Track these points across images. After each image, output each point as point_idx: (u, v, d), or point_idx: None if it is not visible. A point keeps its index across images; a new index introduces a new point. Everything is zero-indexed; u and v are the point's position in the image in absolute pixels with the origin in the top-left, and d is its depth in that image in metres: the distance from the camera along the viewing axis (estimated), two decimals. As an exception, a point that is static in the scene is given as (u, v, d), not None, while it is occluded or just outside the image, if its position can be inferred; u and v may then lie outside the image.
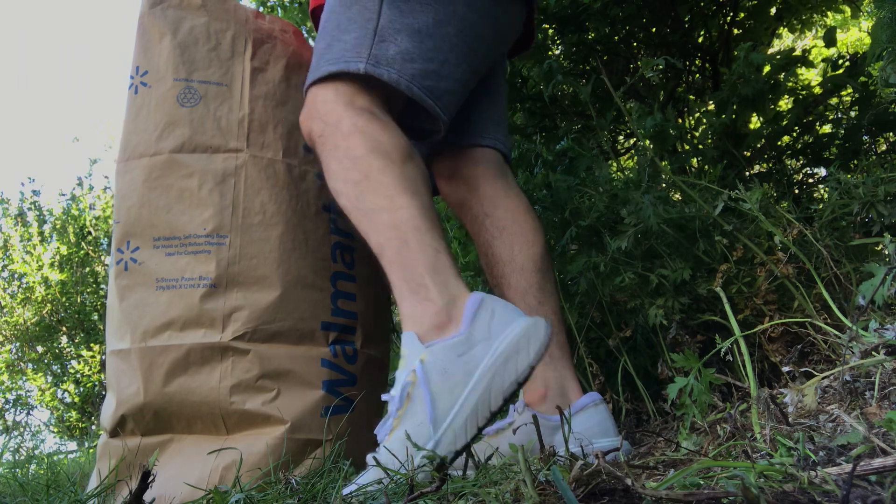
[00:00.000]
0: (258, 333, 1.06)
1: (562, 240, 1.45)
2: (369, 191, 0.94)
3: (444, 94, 1.05)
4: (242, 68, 1.17)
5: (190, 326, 1.05)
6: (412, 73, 1.01)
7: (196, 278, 1.07)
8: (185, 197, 1.09)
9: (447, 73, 1.05)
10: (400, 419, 0.82)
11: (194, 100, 1.13)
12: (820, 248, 1.13)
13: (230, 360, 1.04)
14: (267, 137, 1.15)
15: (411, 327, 0.87)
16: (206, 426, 1.04)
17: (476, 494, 0.63)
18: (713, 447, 0.77)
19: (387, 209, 0.92)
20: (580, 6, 1.86)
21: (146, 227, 1.10)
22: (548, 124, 2.07)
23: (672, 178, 1.34)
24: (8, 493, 1.24)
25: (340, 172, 0.97)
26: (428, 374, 0.82)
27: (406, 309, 0.89)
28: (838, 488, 0.47)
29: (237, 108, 1.14)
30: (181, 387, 1.03)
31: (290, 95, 1.21)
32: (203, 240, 1.08)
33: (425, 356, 0.84)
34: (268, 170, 1.13)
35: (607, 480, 0.52)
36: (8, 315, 9.40)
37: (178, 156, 1.10)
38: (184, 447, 1.05)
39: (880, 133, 1.67)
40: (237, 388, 1.03)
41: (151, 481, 0.55)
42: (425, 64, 1.02)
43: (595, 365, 1.33)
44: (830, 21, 2.45)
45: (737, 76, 1.55)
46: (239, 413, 1.02)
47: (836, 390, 0.81)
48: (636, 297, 1.30)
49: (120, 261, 1.11)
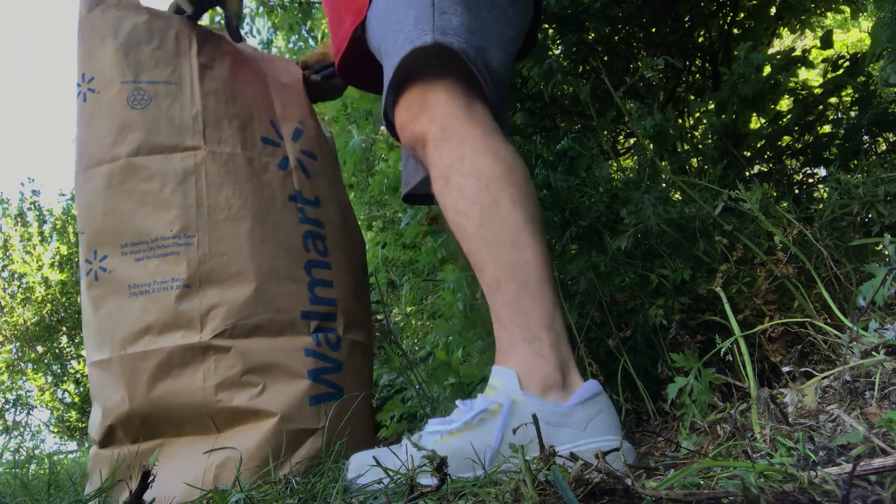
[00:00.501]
0: (238, 329, 1.05)
1: (562, 240, 1.45)
2: (496, 220, 0.91)
3: (492, 74, 1.00)
4: (190, 66, 1.16)
5: (168, 329, 1.04)
6: (477, 46, 0.97)
7: (168, 280, 1.06)
8: (149, 200, 1.08)
9: (496, 53, 1.01)
10: (464, 432, 0.82)
11: (145, 101, 1.12)
12: (820, 248, 1.13)
13: (212, 358, 1.03)
14: (223, 133, 1.14)
15: (515, 369, 0.86)
16: (195, 427, 1.04)
17: (476, 494, 0.63)
18: (713, 447, 0.77)
19: (510, 245, 0.90)
20: (580, 6, 1.86)
21: (112, 235, 1.09)
22: (548, 124, 2.07)
23: (672, 178, 1.34)
24: (8, 493, 1.24)
25: (466, 191, 0.93)
26: (511, 416, 0.81)
27: (516, 355, 0.87)
28: (838, 488, 0.47)
29: (189, 106, 1.13)
30: (166, 390, 1.03)
31: (239, 90, 1.20)
32: (171, 241, 1.07)
33: (520, 400, 0.82)
34: (228, 165, 1.12)
35: (607, 480, 0.52)
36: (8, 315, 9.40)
37: (136, 159, 1.09)
38: (176, 450, 1.04)
39: (880, 133, 1.67)
40: (222, 385, 1.02)
41: (151, 481, 0.55)
42: (483, 39, 0.99)
43: (595, 365, 1.32)
44: (830, 21, 2.45)
45: (737, 76, 1.55)
46: (227, 410, 1.02)
47: (836, 390, 0.81)
48: (636, 297, 1.30)
49: (90, 271, 1.10)
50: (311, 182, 1.23)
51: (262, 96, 1.24)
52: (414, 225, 1.97)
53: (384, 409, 1.95)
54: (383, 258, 2.48)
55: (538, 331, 0.86)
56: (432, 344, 2.21)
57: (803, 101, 1.71)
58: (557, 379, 0.84)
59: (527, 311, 0.87)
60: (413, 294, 2.33)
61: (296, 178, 1.20)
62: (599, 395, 0.84)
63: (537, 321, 0.87)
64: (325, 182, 1.27)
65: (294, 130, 1.26)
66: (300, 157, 1.23)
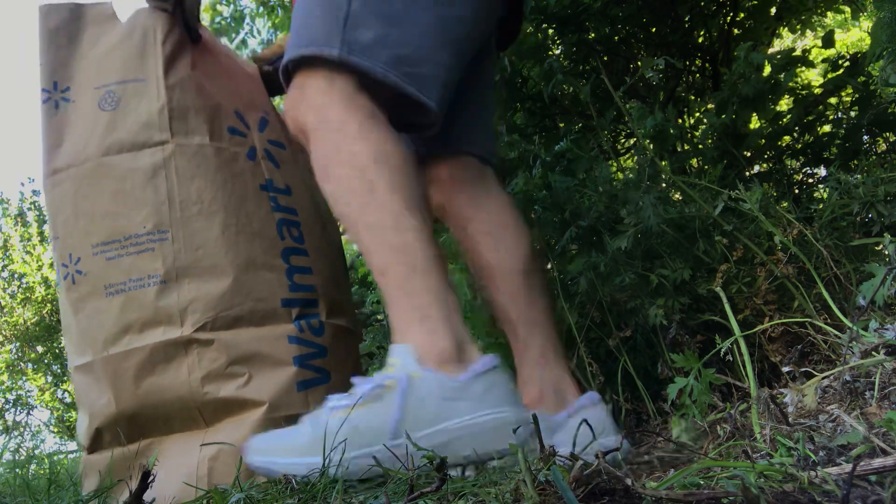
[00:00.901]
0: (219, 321, 1.05)
1: (562, 240, 1.45)
2: (374, 205, 0.92)
3: (429, 81, 1.00)
4: (156, 60, 1.15)
5: (148, 326, 1.04)
6: (388, 60, 0.96)
7: (144, 278, 1.06)
8: (120, 199, 1.08)
9: (426, 58, 1.00)
10: (359, 409, 0.82)
11: (114, 102, 1.13)
12: (820, 248, 1.13)
13: (195, 352, 1.03)
14: (190, 124, 1.13)
15: (413, 345, 0.87)
16: (184, 423, 1.04)
17: (476, 494, 0.63)
18: (713, 447, 0.77)
19: (393, 228, 0.90)
20: (580, 6, 1.86)
21: (84, 237, 1.08)
22: (548, 124, 2.07)
23: (672, 178, 1.34)
24: (8, 492, 1.24)
25: (343, 179, 0.95)
26: (409, 391, 0.82)
27: (411, 335, 0.88)
28: (838, 488, 0.47)
29: (155, 100, 1.12)
30: (152, 387, 1.03)
31: (204, 81, 1.19)
32: (145, 238, 1.07)
33: (417, 375, 0.83)
34: (197, 156, 1.12)
35: (607, 480, 0.52)
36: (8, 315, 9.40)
37: (106, 159, 1.09)
38: (166, 448, 1.04)
39: (880, 133, 1.67)
40: (208, 378, 1.02)
41: (151, 481, 0.55)
42: (400, 49, 0.97)
43: (595, 365, 1.33)
44: (830, 21, 2.45)
45: (737, 76, 1.55)
46: (215, 402, 1.02)
47: (836, 390, 0.81)
48: (636, 297, 1.30)
49: (66, 275, 1.10)
50: (280, 171, 1.23)
51: (227, 87, 1.24)
52: (414, 225, 1.97)
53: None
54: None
55: (429, 309, 0.88)
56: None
57: (803, 101, 1.71)
58: (453, 354, 0.86)
59: (417, 291, 0.89)
60: (413, 294, 2.32)
61: (265, 167, 1.20)
62: (496, 369, 0.86)
63: (428, 300, 0.88)
64: (295, 170, 1.27)
65: (260, 120, 1.26)
66: (267, 147, 1.23)
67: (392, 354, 0.87)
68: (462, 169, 1.22)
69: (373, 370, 1.92)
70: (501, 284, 1.16)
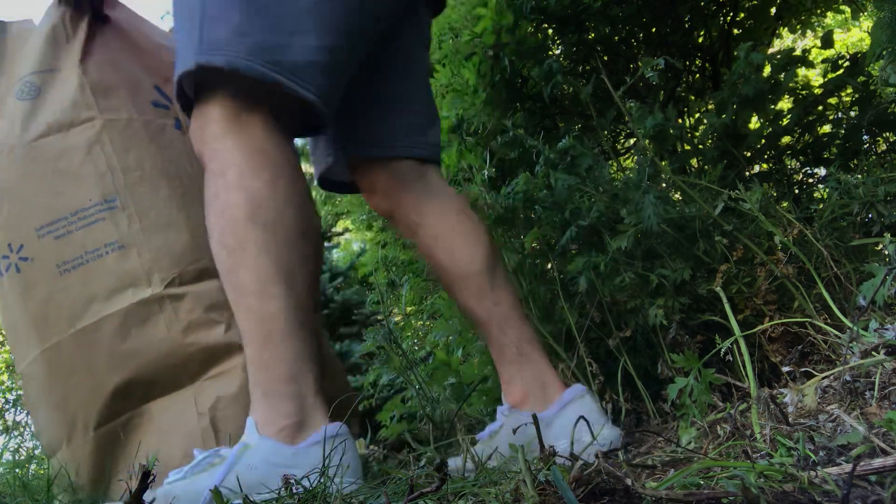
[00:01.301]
0: (185, 276, 1.06)
1: (562, 240, 1.45)
2: (243, 266, 0.87)
3: (306, 68, 0.91)
4: (70, 48, 1.17)
5: (116, 293, 1.04)
6: (250, 49, 0.87)
7: (101, 247, 1.06)
8: (58, 178, 1.09)
9: (302, 44, 0.91)
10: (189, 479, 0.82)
11: (33, 91, 1.14)
12: (820, 248, 1.12)
13: (169, 307, 1.04)
14: (113, 101, 1.14)
15: (255, 418, 0.86)
16: (167, 383, 1.03)
17: (476, 494, 0.63)
18: (713, 447, 0.77)
19: (256, 294, 0.87)
20: (580, 6, 1.86)
21: (24, 222, 1.08)
22: (548, 124, 2.07)
23: (672, 178, 1.34)
24: (8, 492, 1.24)
25: (216, 230, 0.90)
26: (239, 459, 0.82)
27: (254, 408, 0.87)
28: (838, 488, 0.47)
29: (76, 81, 1.14)
30: (130, 352, 1.02)
31: (121, 59, 1.21)
32: (93, 210, 1.07)
33: (253, 444, 0.83)
34: (128, 129, 1.13)
35: (607, 480, 0.52)
36: (8, 315, 9.39)
37: (37, 143, 1.10)
38: (154, 416, 1.03)
39: (880, 133, 1.67)
40: (189, 329, 1.03)
41: (151, 481, 0.55)
42: (265, 36, 0.89)
43: (595, 365, 1.33)
44: (830, 21, 2.45)
45: (737, 76, 1.55)
46: (201, 352, 1.02)
47: (836, 390, 0.81)
48: (636, 297, 1.30)
49: (8, 266, 1.09)
50: None
51: (144, 63, 1.25)
52: (414, 225, 1.97)
53: (384, 409, 1.95)
54: (383, 258, 2.48)
55: (277, 384, 0.86)
56: (432, 344, 2.21)
57: (803, 101, 1.71)
58: (294, 430, 0.85)
59: (268, 364, 0.87)
60: (413, 294, 2.33)
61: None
62: (338, 437, 0.84)
63: (278, 375, 0.86)
64: None
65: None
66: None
67: (246, 426, 0.87)
68: (400, 174, 1.15)
69: (373, 370, 1.92)
70: (463, 288, 1.12)
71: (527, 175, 1.59)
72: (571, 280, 1.44)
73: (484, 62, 1.90)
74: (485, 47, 1.86)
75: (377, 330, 1.82)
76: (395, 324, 2.27)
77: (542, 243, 1.55)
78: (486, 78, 1.92)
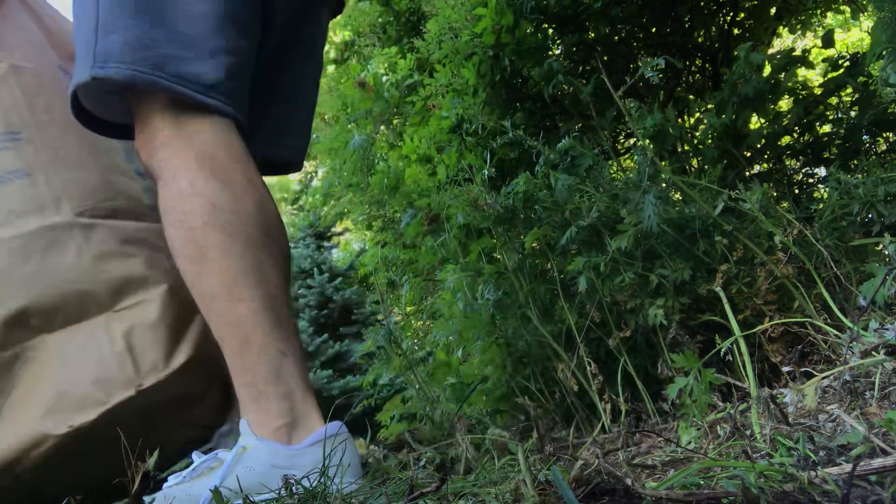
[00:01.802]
0: (98, 211, 1.05)
1: (562, 240, 1.45)
2: (207, 273, 0.85)
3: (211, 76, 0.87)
4: None
5: (21, 217, 1.02)
6: (152, 59, 0.84)
7: (4, 174, 1.05)
8: None
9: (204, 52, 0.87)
10: (188, 483, 0.82)
11: None
12: (820, 248, 1.12)
13: (80, 235, 1.02)
14: (18, 54, 1.14)
15: (248, 420, 0.85)
16: (72, 312, 1.00)
17: (476, 494, 0.63)
18: (713, 447, 0.77)
19: (224, 299, 0.85)
20: (580, 6, 1.86)
21: None
22: (548, 124, 2.07)
23: (672, 178, 1.34)
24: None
25: (176, 241, 0.88)
26: (236, 463, 0.81)
27: (246, 412, 0.86)
28: (838, 488, 0.47)
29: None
30: (34, 276, 0.99)
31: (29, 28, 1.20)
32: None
33: (251, 445, 0.82)
34: (36, 78, 1.14)
35: (607, 480, 0.52)
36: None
37: None
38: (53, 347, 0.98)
39: (880, 133, 1.67)
40: (101, 258, 1.01)
41: (151, 481, 0.55)
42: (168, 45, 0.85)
43: (595, 365, 1.32)
44: (830, 21, 2.45)
45: (737, 76, 1.55)
46: (115, 281, 1.00)
47: (836, 390, 0.81)
48: (636, 297, 1.30)
49: None
50: None
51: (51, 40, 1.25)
52: (414, 225, 1.97)
53: (384, 410, 1.95)
54: (383, 258, 2.48)
55: (264, 386, 0.85)
56: (432, 344, 2.21)
57: (803, 101, 1.71)
58: (288, 430, 0.84)
59: (251, 367, 0.85)
60: (413, 294, 2.33)
61: None
62: (338, 436, 0.83)
63: (262, 376, 0.85)
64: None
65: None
66: None
67: (240, 428, 0.87)
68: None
69: (373, 370, 1.92)
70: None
71: (527, 175, 1.59)
72: (571, 280, 1.44)
73: (484, 62, 1.90)
74: (485, 47, 1.86)
75: (377, 330, 1.82)
76: (395, 324, 2.27)
77: (542, 243, 1.55)
78: (486, 78, 1.92)
